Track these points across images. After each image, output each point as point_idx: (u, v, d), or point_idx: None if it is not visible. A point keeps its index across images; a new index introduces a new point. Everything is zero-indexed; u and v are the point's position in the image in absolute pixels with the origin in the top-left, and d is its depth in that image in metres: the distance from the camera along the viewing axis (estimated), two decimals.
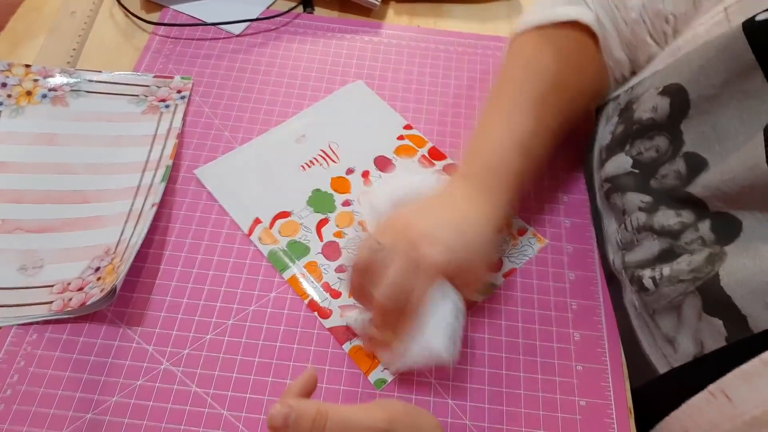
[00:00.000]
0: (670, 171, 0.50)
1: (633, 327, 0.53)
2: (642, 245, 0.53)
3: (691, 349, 0.47)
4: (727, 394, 0.42)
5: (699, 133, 0.48)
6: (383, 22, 0.79)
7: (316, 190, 0.63)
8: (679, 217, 0.49)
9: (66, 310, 0.53)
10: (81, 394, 0.51)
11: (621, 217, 0.56)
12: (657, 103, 0.51)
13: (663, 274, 0.49)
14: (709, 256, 0.45)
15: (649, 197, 0.53)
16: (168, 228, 0.60)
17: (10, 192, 0.60)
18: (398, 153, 0.67)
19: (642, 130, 0.53)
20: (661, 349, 0.50)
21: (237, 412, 0.51)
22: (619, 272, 0.56)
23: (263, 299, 0.56)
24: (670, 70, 0.51)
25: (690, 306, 0.47)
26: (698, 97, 0.47)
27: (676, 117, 0.49)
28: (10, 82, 0.67)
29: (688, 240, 0.48)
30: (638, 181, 0.54)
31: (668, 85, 0.50)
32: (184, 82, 0.70)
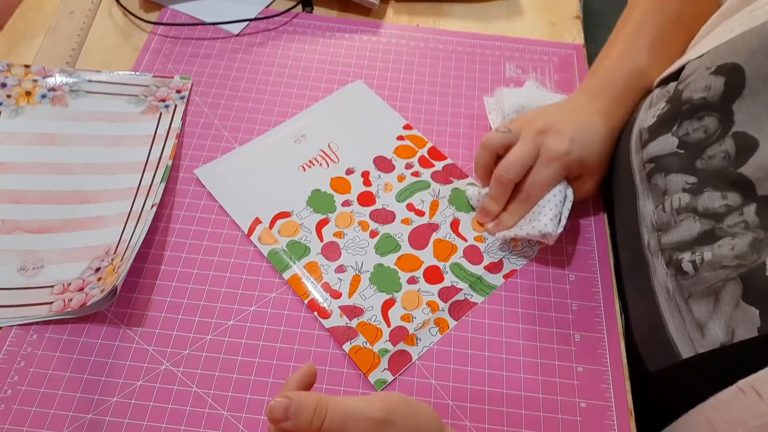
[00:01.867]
0: (717, 151, 0.49)
1: (660, 310, 0.52)
2: (680, 226, 0.52)
3: (721, 336, 0.46)
4: (758, 391, 0.41)
5: (751, 113, 0.47)
6: (383, 22, 0.79)
7: (316, 191, 0.63)
8: (725, 199, 0.48)
9: (66, 311, 0.53)
10: (81, 394, 0.51)
11: (660, 198, 0.55)
12: (710, 83, 0.50)
13: (704, 258, 0.48)
14: (754, 241, 0.45)
15: (694, 178, 0.51)
16: (168, 228, 0.60)
17: (10, 192, 0.60)
18: (398, 153, 0.67)
19: (692, 110, 0.52)
20: (689, 334, 0.49)
21: (237, 412, 0.51)
22: (654, 253, 0.54)
23: (263, 300, 0.56)
24: (723, 49, 0.50)
25: (729, 293, 0.46)
26: (755, 77, 0.46)
27: (730, 97, 0.48)
28: (10, 82, 0.67)
29: (731, 223, 0.47)
30: (683, 161, 0.53)
31: (723, 65, 0.49)
32: (183, 82, 0.70)
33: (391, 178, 0.65)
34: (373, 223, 0.62)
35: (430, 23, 0.80)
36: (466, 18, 0.81)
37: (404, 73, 0.74)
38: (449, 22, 0.81)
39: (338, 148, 0.67)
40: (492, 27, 0.80)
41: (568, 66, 0.76)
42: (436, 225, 0.62)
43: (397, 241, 0.61)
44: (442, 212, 0.63)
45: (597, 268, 0.60)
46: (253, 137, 0.67)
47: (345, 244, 0.60)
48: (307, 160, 0.65)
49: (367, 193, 0.64)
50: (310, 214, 0.62)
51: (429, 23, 0.80)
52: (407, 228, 0.62)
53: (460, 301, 0.58)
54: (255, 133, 0.67)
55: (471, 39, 0.78)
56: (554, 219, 0.57)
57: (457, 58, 0.76)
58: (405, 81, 0.73)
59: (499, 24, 0.81)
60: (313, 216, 0.62)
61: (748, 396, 0.42)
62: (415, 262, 0.59)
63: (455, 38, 0.78)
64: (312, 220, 0.61)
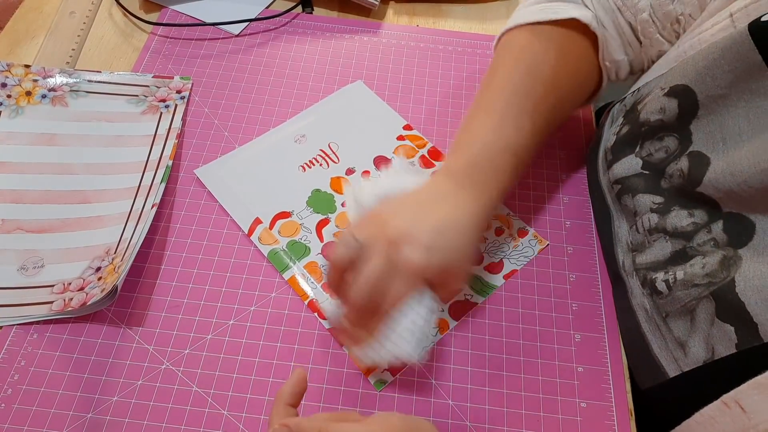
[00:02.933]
0: (674, 170, 0.50)
1: (642, 330, 0.53)
2: (653, 247, 0.53)
3: (702, 354, 0.46)
4: (741, 405, 0.42)
5: (707, 132, 0.48)
6: (383, 22, 0.80)
7: (316, 191, 0.63)
8: (692, 217, 0.49)
9: (67, 310, 0.53)
10: (81, 393, 0.51)
11: (632, 219, 0.56)
12: (664, 105, 0.51)
13: (677, 277, 0.49)
14: (723, 259, 0.45)
15: (660, 198, 0.52)
16: (168, 228, 0.60)
17: (10, 192, 0.60)
18: (398, 153, 0.67)
19: (651, 131, 0.53)
20: (672, 353, 0.49)
21: (238, 412, 0.51)
22: (629, 274, 0.55)
23: (264, 300, 0.56)
24: (674, 72, 0.51)
25: (703, 310, 0.46)
26: (706, 98, 0.47)
27: (686, 118, 0.49)
28: (10, 82, 0.67)
29: (701, 241, 0.48)
30: (648, 182, 0.54)
31: (674, 86, 0.50)
32: (183, 82, 0.70)
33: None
34: None
35: (430, 24, 0.80)
36: (466, 18, 0.81)
37: (404, 74, 0.74)
38: (449, 22, 0.81)
39: (338, 148, 0.67)
40: (492, 27, 0.81)
41: None
42: None
43: None
44: None
45: (597, 268, 0.60)
46: (254, 137, 0.67)
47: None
48: (307, 160, 0.65)
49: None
50: (310, 215, 0.62)
51: (429, 24, 0.80)
52: None
53: (460, 302, 0.57)
54: (255, 133, 0.67)
55: (471, 39, 0.78)
56: (417, 345, 0.49)
57: (457, 58, 0.76)
58: (405, 81, 0.73)
59: (498, 24, 0.81)
60: (314, 216, 0.62)
61: (732, 410, 0.42)
62: None
63: (455, 39, 0.78)
64: (312, 220, 0.61)
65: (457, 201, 0.51)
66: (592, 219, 0.63)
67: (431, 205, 0.50)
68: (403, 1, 0.82)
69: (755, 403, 0.41)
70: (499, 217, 0.63)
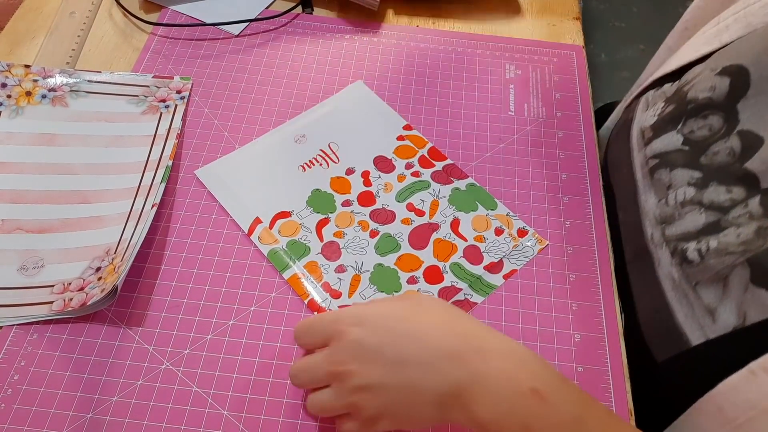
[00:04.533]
0: (722, 148, 0.50)
1: (667, 300, 0.53)
2: (684, 219, 0.53)
3: (732, 320, 0.46)
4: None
5: (755, 112, 0.48)
6: (383, 23, 0.80)
7: (316, 191, 0.63)
8: (730, 193, 0.49)
9: (66, 310, 0.53)
10: (81, 393, 0.51)
11: (664, 192, 0.56)
12: (715, 83, 0.51)
13: (710, 246, 0.49)
14: (759, 229, 0.45)
15: (699, 173, 0.52)
16: (168, 228, 0.60)
17: (10, 192, 0.60)
18: (398, 153, 0.67)
19: (696, 109, 0.53)
20: (699, 320, 0.49)
21: (237, 412, 0.51)
22: (658, 245, 0.55)
23: (264, 300, 0.56)
24: (726, 53, 0.52)
25: (737, 277, 0.46)
26: (759, 78, 0.47)
27: (734, 97, 0.50)
28: (10, 82, 0.67)
29: (736, 215, 0.48)
30: (687, 157, 0.54)
31: (728, 66, 0.51)
32: (183, 83, 0.70)
33: (391, 178, 0.65)
34: (373, 223, 0.62)
35: (430, 24, 0.80)
36: (466, 19, 0.81)
37: (404, 74, 0.74)
38: (449, 22, 0.81)
39: (338, 148, 0.67)
40: (492, 28, 0.81)
41: (567, 67, 0.76)
42: (436, 225, 0.62)
43: (397, 240, 0.61)
44: (442, 212, 0.63)
45: (597, 268, 0.60)
46: (254, 137, 0.67)
47: (345, 244, 0.60)
48: (307, 160, 0.66)
49: (367, 193, 0.64)
50: (310, 214, 0.62)
51: (429, 24, 0.80)
52: (407, 228, 0.62)
53: (460, 301, 0.58)
54: (255, 133, 0.67)
55: (471, 40, 0.78)
56: None
57: (457, 58, 0.76)
58: (405, 82, 0.73)
59: (498, 25, 0.81)
60: (313, 216, 0.62)
61: (758, 377, 0.42)
62: (415, 262, 0.60)
63: (455, 39, 0.78)
64: (312, 220, 0.61)
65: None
66: (592, 219, 0.63)
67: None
68: (404, 2, 0.82)
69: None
70: (498, 216, 0.63)
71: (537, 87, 0.74)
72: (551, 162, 0.67)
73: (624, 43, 1.89)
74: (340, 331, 0.45)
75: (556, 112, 0.72)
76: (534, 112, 0.72)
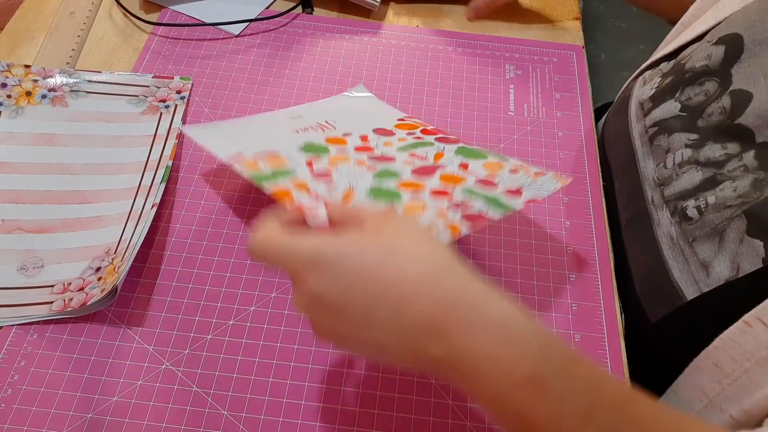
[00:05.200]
0: (715, 108, 0.52)
1: (664, 258, 0.54)
2: (682, 178, 0.54)
3: (726, 272, 0.47)
4: (764, 321, 0.42)
5: (747, 73, 0.50)
6: (383, 23, 0.80)
7: (309, 143, 0.57)
8: (725, 149, 0.51)
9: (67, 310, 0.53)
10: (81, 393, 0.51)
11: (662, 156, 0.57)
12: (711, 52, 0.54)
13: (708, 202, 0.50)
14: (755, 181, 0.47)
15: (696, 135, 0.54)
16: (168, 228, 0.60)
17: (10, 192, 0.60)
18: (398, 127, 0.63)
19: (693, 77, 0.56)
20: (693, 275, 0.50)
21: (237, 412, 0.51)
22: (658, 207, 0.56)
23: (264, 300, 0.56)
24: (724, 25, 0.54)
25: (733, 230, 0.47)
26: (752, 42, 0.50)
27: (729, 62, 0.52)
28: (10, 82, 0.67)
29: (731, 168, 0.49)
30: (685, 122, 0.56)
31: (723, 36, 0.53)
32: (183, 83, 0.70)
33: (392, 140, 0.59)
34: (371, 161, 0.54)
35: (430, 24, 0.80)
36: (466, 19, 0.81)
37: (404, 74, 0.74)
38: (449, 22, 0.81)
39: (336, 122, 0.63)
40: (492, 27, 0.81)
41: (567, 67, 0.76)
42: (443, 165, 0.54)
43: (398, 173, 0.53)
44: (449, 158, 0.55)
45: (597, 269, 0.60)
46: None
47: (338, 171, 0.52)
48: (301, 126, 0.61)
49: (365, 147, 0.58)
50: (300, 154, 0.55)
51: (429, 24, 0.80)
52: (408, 168, 0.54)
53: (472, 215, 0.48)
54: None
55: (471, 40, 0.78)
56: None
57: (457, 59, 0.76)
58: (405, 82, 0.73)
59: (498, 25, 0.81)
60: (304, 155, 0.54)
61: (754, 328, 0.42)
62: (418, 186, 0.51)
63: (455, 39, 0.78)
64: (302, 158, 0.54)
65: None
66: (592, 219, 0.63)
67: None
68: (404, 2, 0.82)
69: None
70: (512, 163, 0.56)
71: (537, 87, 0.74)
72: (551, 162, 0.67)
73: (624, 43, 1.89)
74: (297, 273, 0.38)
75: (556, 112, 0.72)
76: (534, 112, 0.72)
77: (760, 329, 0.42)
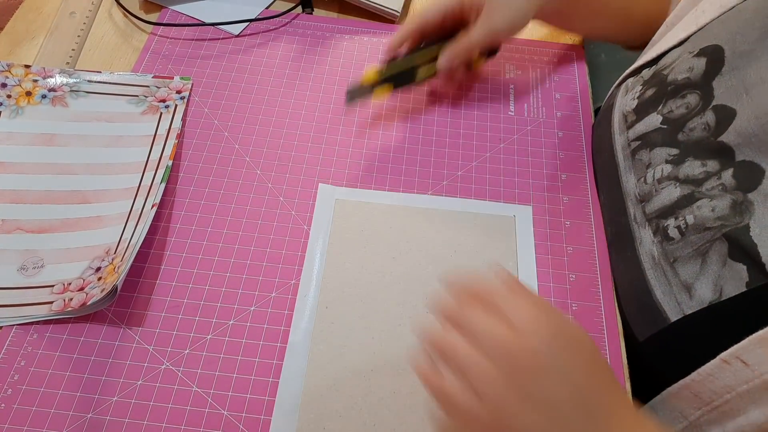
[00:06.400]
0: (698, 123, 0.52)
1: (646, 277, 0.54)
2: (660, 194, 0.54)
3: (708, 295, 0.47)
4: (743, 360, 0.42)
5: (728, 87, 0.49)
6: (383, 23, 0.79)
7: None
8: (705, 167, 0.50)
9: (67, 310, 0.53)
10: (81, 393, 0.51)
11: (643, 171, 0.57)
12: (693, 64, 0.53)
13: (688, 222, 0.50)
14: (734, 203, 0.46)
15: (676, 150, 0.54)
16: (168, 228, 0.60)
17: (10, 192, 0.60)
18: None
19: (675, 89, 0.55)
20: (676, 296, 0.50)
21: (238, 412, 0.51)
22: (641, 225, 0.56)
23: (264, 300, 0.56)
24: (704, 34, 0.54)
25: (716, 252, 0.47)
26: (732, 54, 0.49)
27: (710, 75, 0.51)
28: (10, 82, 0.67)
29: (710, 187, 0.49)
30: (666, 135, 0.55)
31: (704, 47, 0.53)
32: (183, 83, 0.70)
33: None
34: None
35: None
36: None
37: None
38: None
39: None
40: None
41: (567, 67, 0.76)
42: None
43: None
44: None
45: (597, 268, 0.60)
46: (253, 137, 0.67)
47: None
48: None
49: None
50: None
51: None
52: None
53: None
54: (255, 133, 0.67)
55: None
56: None
57: None
58: None
59: None
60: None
61: (733, 366, 0.43)
62: None
63: None
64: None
65: None
66: (591, 218, 0.63)
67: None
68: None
69: (758, 356, 0.41)
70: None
71: (537, 87, 0.74)
72: (551, 162, 0.67)
73: None
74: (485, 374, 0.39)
75: (556, 112, 0.72)
76: (534, 112, 0.72)
77: (739, 367, 0.42)
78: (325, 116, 0.69)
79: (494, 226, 0.62)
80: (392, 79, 0.66)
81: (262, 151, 0.66)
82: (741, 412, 0.43)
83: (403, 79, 0.66)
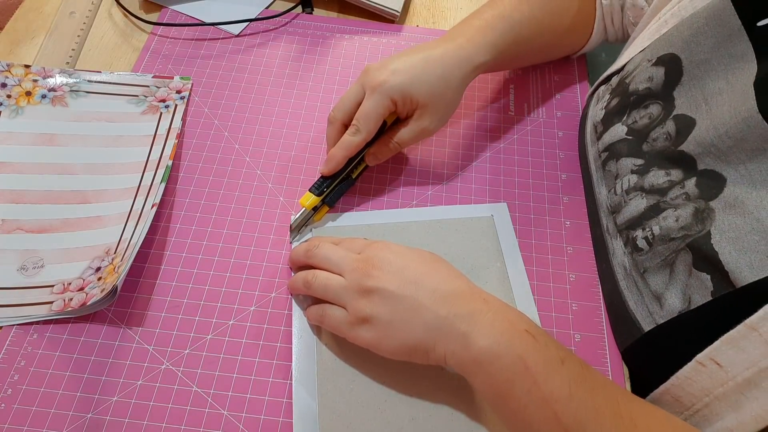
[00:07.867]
0: (660, 133, 0.53)
1: (620, 288, 0.55)
2: (629, 205, 0.55)
3: (678, 305, 0.48)
4: (717, 361, 0.43)
5: (689, 96, 0.50)
6: (383, 22, 0.79)
7: None
8: (668, 176, 0.51)
9: (66, 310, 0.53)
10: (81, 393, 0.51)
11: (612, 182, 0.58)
12: (652, 73, 0.54)
13: (654, 233, 0.51)
14: (696, 212, 0.47)
15: (641, 160, 0.55)
16: (168, 228, 0.60)
17: (10, 192, 0.60)
18: None
19: (638, 100, 0.56)
20: (648, 307, 0.51)
21: (238, 412, 0.51)
22: (613, 236, 0.57)
23: (264, 300, 0.56)
24: (660, 42, 0.54)
25: (682, 262, 0.48)
26: (690, 63, 0.50)
27: (670, 84, 0.52)
28: (10, 82, 0.67)
29: (674, 196, 0.50)
30: (631, 146, 0.56)
31: (662, 56, 0.53)
32: (183, 83, 0.70)
33: None
34: None
35: (430, 24, 0.80)
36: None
37: None
38: (449, 23, 0.81)
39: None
40: None
41: (567, 66, 0.76)
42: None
43: None
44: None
45: (597, 268, 0.60)
46: (253, 137, 0.67)
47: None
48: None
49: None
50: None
51: (429, 24, 0.80)
52: None
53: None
54: (255, 133, 0.67)
55: None
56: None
57: None
58: None
59: None
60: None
61: (708, 368, 0.44)
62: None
63: None
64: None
65: (439, 44, 0.59)
66: (588, 217, 0.63)
67: (418, 49, 0.59)
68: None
69: (730, 357, 0.42)
70: None
71: (537, 87, 0.74)
72: (551, 162, 0.67)
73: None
74: (370, 247, 0.51)
75: (556, 112, 0.72)
76: (534, 112, 0.72)
77: (714, 369, 0.43)
78: (325, 116, 0.69)
79: (475, 229, 0.62)
80: (333, 194, 0.62)
81: (262, 151, 0.66)
82: (719, 417, 0.44)
83: (341, 189, 0.63)
